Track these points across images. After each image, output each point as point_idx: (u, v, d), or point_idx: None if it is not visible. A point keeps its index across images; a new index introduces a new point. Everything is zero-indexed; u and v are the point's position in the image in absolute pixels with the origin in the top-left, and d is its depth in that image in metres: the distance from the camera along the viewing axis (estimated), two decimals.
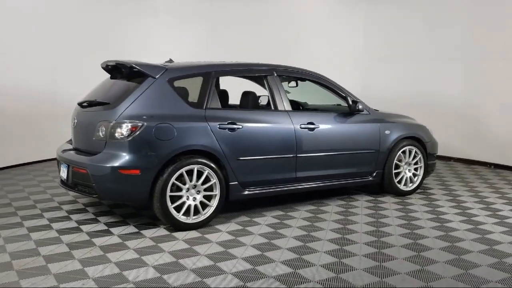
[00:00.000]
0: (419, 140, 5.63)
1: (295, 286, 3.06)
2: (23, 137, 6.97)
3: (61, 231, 4.05)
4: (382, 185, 5.47)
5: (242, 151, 4.38)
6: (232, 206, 4.81)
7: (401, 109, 6.95)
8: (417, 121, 5.92)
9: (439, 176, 6.80)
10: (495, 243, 3.91)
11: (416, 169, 5.66)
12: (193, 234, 4.04)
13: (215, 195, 4.24)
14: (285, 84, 6.15)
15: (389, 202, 5.21)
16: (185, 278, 3.16)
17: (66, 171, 4.31)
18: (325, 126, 4.93)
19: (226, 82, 5.47)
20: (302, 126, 4.74)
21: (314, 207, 4.94)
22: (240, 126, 4.35)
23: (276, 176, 4.64)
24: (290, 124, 4.68)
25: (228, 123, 4.30)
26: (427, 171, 5.74)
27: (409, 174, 5.59)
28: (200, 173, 4.15)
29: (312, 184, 4.90)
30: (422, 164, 5.65)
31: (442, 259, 3.54)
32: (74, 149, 4.52)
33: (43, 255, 3.50)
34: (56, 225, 4.21)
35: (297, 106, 6.22)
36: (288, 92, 6.37)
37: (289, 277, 3.20)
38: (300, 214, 4.69)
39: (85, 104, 4.41)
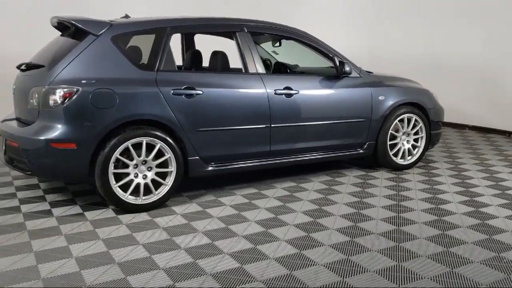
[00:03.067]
0: (420, 106, 4.92)
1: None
2: None
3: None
4: (376, 158, 4.82)
5: (203, 121, 3.78)
6: (200, 183, 4.26)
7: (413, 73, 6.20)
8: (421, 85, 5.18)
9: (447, 147, 6.08)
10: (496, 232, 3.26)
11: (416, 140, 4.97)
12: (141, 217, 3.51)
13: (170, 171, 3.68)
14: (270, 46, 5.51)
15: (381, 178, 4.57)
16: (107, 275, 2.64)
17: (3, 145, 3.81)
18: (306, 91, 4.26)
19: (208, 42, 4.87)
20: (278, 91, 4.08)
21: (294, 184, 4.35)
22: (200, 92, 3.73)
23: (246, 150, 4.04)
24: (263, 89, 4.03)
25: (185, 88, 3.68)
26: (431, 141, 5.03)
27: (407, 146, 4.90)
28: (151, 147, 3.59)
29: (290, 159, 4.29)
30: (424, 134, 4.95)
31: (429, 252, 2.92)
32: (16, 119, 4.00)
33: None
34: None
35: (285, 70, 5.57)
36: (276, 53, 5.73)
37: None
38: (275, 192, 4.11)
39: (23, 67, 3.85)
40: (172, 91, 3.63)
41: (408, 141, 4.92)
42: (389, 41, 8.42)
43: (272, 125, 4.09)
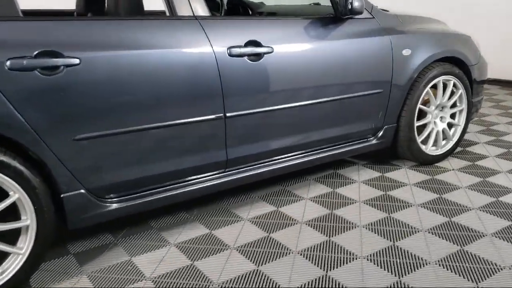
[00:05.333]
0: (460, 63, 3.13)
1: None
2: None
3: None
4: (396, 149, 3.05)
5: (86, 118, 1.87)
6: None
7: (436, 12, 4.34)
8: (451, 28, 3.36)
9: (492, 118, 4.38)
10: None
11: (453, 115, 3.22)
12: None
13: (26, 227, 1.81)
14: None
15: (409, 185, 2.82)
16: None
17: None
18: (286, 48, 2.38)
19: None
20: (235, 50, 2.19)
21: (272, 209, 2.55)
22: (74, 61, 1.80)
23: (179, 165, 2.17)
24: (206, 47, 2.12)
25: (38, 56, 1.75)
26: (471, 113, 3.30)
27: (442, 126, 3.15)
28: None
29: (262, 169, 2.46)
30: (464, 106, 3.20)
31: None
32: None
33: None
34: None
35: (245, 11, 3.62)
36: None
37: None
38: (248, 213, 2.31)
39: None
40: (8, 64, 1.69)
41: (442, 119, 3.16)
42: None
43: (228, 114, 2.22)
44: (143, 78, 1.96)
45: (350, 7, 2.48)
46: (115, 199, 2.05)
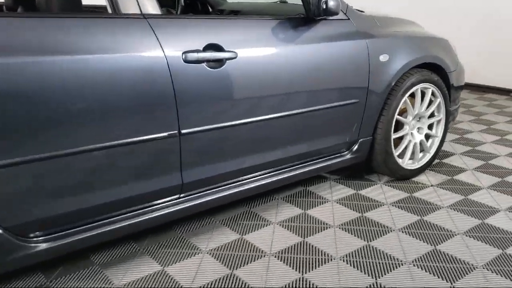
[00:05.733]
0: (438, 68, 2.90)
1: None
2: None
3: None
4: (371, 162, 2.79)
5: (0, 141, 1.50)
6: None
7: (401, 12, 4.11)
8: (427, 30, 3.12)
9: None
10: None
11: (430, 126, 2.99)
12: None
13: None
14: None
15: (386, 204, 2.56)
16: None
17: None
18: (252, 53, 2.04)
19: None
20: (192, 57, 1.84)
21: (234, 237, 2.23)
22: None
23: (124, 193, 1.81)
24: (156, 53, 1.76)
25: None
26: (448, 122, 3.08)
27: (420, 138, 2.91)
28: None
29: (223, 193, 2.13)
30: (442, 115, 2.97)
31: None
32: None
33: None
34: None
35: (205, 8, 3.29)
36: None
37: None
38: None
39: None
40: None
41: (420, 130, 2.92)
42: None
43: (184, 131, 1.87)
44: (77, 91, 1.58)
45: (324, 6, 2.18)
46: (42, 238, 1.67)
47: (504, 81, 5.23)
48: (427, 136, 2.97)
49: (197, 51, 1.86)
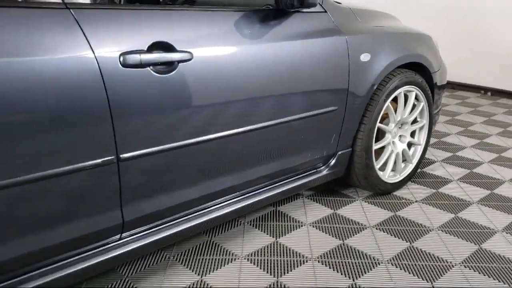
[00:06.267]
0: (420, 68, 2.57)
1: None
2: None
3: None
4: (349, 176, 2.43)
5: None
6: None
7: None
8: (404, 24, 2.78)
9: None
10: None
11: (413, 133, 2.67)
12: None
13: None
14: None
15: (369, 227, 2.21)
16: None
17: None
18: (210, 54, 1.63)
19: None
20: (133, 59, 1.41)
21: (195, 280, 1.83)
22: None
23: (48, 241, 1.37)
24: (84, 53, 1.32)
25: None
26: (432, 128, 2.77)
27: (402, 147, 2.58)
28: None
29: (175, 229, 1.71)
30: (426, 121, 2.65)
31: None
32: None
33: None
34: None
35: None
36: None
37: None
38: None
39: None
40: None
41: (402, 138, 2.59)
42: None
43: (123, 156, 1.44)
44: None
45: None
46: None
47: (475, 78, 5.03)
48: (409, 145, 2.65)
49: (140, 51, 1.43)
